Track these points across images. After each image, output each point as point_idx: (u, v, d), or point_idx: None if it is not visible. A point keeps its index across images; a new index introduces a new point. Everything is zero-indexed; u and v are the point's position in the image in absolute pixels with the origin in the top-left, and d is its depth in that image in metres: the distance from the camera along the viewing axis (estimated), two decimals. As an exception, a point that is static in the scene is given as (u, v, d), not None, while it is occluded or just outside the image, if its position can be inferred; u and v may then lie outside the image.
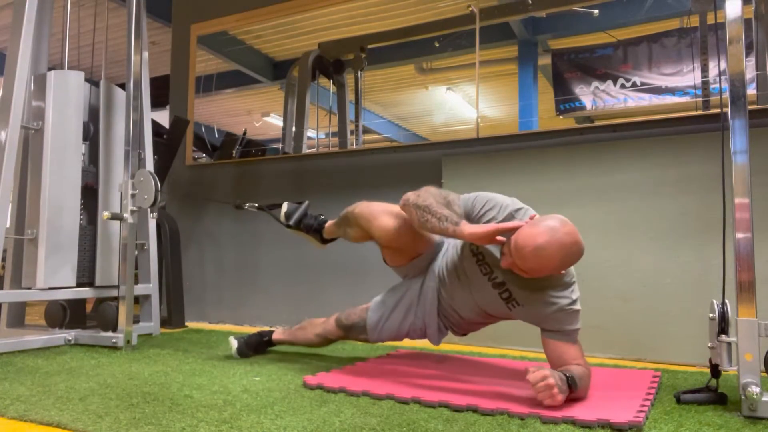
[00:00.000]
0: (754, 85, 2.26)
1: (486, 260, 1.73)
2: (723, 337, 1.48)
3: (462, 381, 1.76)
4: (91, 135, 2.75)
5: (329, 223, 2.14)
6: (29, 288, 2.51)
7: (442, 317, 1.93)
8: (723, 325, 1.49)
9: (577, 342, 1.65)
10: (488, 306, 1.79)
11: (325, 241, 2.18)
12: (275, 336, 2.26)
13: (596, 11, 2.58)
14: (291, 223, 2.16)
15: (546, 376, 1.42)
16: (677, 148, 2.33)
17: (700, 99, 2.36)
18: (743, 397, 1.40)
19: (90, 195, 2.75)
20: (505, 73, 2.80)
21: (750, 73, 2.25)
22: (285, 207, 2.20)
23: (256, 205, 2.38)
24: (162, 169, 3.29)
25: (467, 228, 1.57)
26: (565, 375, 1.47)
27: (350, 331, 2.03)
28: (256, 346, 2.25)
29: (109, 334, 2.46)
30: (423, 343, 2.32)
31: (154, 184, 2.46)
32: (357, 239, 1.98)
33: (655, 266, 2.31)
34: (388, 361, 2.13)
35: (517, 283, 1.68)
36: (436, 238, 1.94)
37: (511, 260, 1.54)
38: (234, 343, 2.21)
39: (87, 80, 2.76)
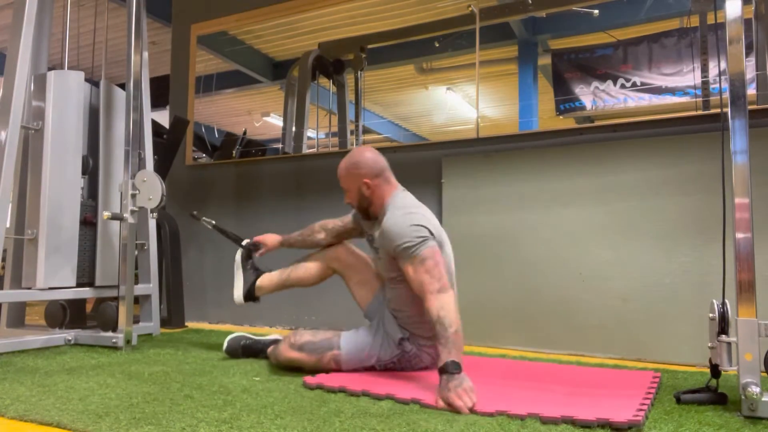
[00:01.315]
0: (754, 85, 2.26)
1: (366, 231, 2.06)
2: (723, 337, 1.48)
3: (462, 381, 1.76)
4: (90, 169, 2.75)
5: (270, 273, 2.25)
6: (29, 288, 2.51)
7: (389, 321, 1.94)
8: (723, 325, 1.49)
9: (423, 261, 1.67)
10: (379, 267, 1.98)
11: (250, 297, 2.26)
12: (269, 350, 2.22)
13: (596, 11, 2.58)
14: (245, 244, 2.31)
15: (448, 403, 1.46)
16: (677, 148, 2.33)
17: (700, 99, 2.36)
18: (743, 397, 1.40)
19: (89, 229, 2.74)
20: (505, 73, 2.80)
21: (750, 73, 2.25)
22: (247, 241, 2.33)
23: (213, 222, 2.46)
24: (162, 169, 3.29)
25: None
26: (445, 365, 1.51)
27: (303, 350, 1.91)
28: (254, 353, 2.22)
29: (109, 334, 2.46)
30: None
31: (160, 186, 2.46)
32: (310, 276, 2.16)
33: (655, 266, 2.31)
34: (388, 361, 2.13)
35: (373, 229, 1.94)
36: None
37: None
38: (225, 344, 2.22)
39: (87, 80, 2.76)
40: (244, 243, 2.31)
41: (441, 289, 1.64)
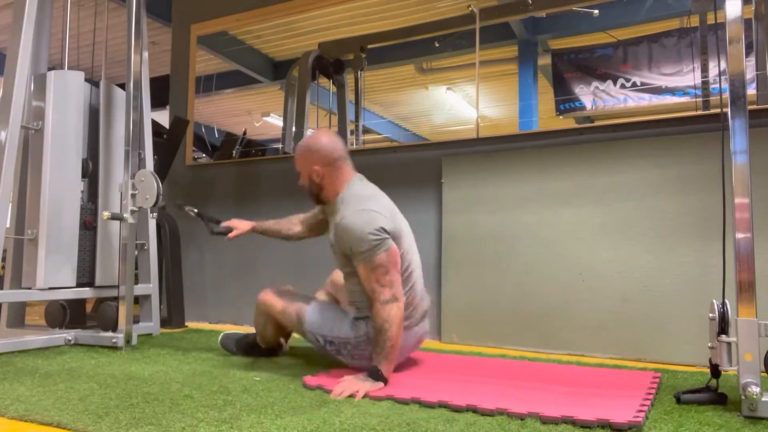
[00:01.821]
0: (754, 85, 2.26)
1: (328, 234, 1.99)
2: (723, 337, 1.48)
3: (462, 381, 1.76)
4: (89, 172, 2.75)
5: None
6: (29, 288, 2.51)
7: None
8: (723, 325, 1.49)
9: (375, 268, 1.71)
10: (335, 260, 1.92)
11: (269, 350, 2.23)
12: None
13: (596, 11, 2.58)
14: (215, 231, 2.27)
15: (342, 392, 1.58)
16: (677, 148, 2.33)
17: (700, 99, 2.36)
18: (743, 397, 1.40)
19: (89, 231, 2.74)
20: (505, 73, 2.80)
21: (750, 73, 2.25)
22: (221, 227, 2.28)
23: (195, 210, 2.41)
24: (162, 169, 3.29)
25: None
26: (372, 368, 1.66)
27: (279, 295, 1.99)
28: (246, 348, 2.24)
29: (109, 334, 2.46)
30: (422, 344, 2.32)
31: (156, 185, 2.46)
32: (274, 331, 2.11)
33: (655, 266, 2.31)
34: (388, 361, 2.12)
35: (328, 215, 1.97)
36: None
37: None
38: (220, 338, 2.29)
39: (87, 80, 2.76)
40: (215, 230, 2.26)
41: (391, 299, 1.70)
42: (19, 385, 1.71)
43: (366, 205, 1.79)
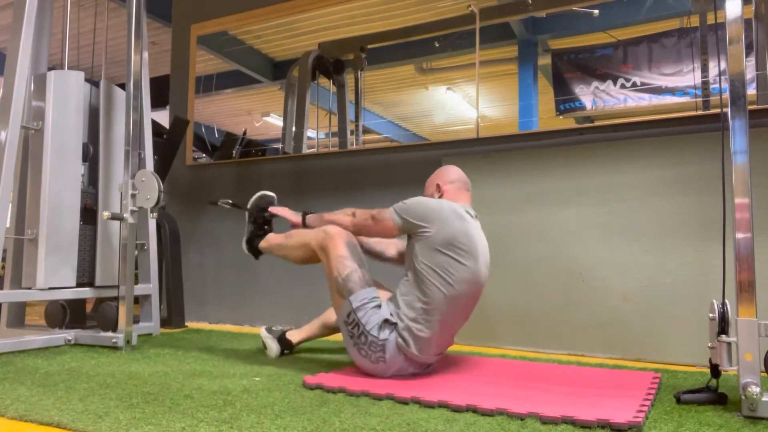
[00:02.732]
0: (754, 85, 2.26)
1: None
2: (723, 337, 1.48)
3: (462, 381, 1.76)
4: (90, 156, 2.75)
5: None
6: (29, 288, 2.51)
7: None
8: (723, 325, 1.49)
9: (380, 210, 1.94)
10: None
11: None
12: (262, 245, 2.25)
13: (596, 11, 2.58)
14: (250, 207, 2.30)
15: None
16: (677, 148, 2.33)
17: (700, 99, 2.36)
18: (743, 397, 1.40)
19: (89, 217, 2.75)
20: (505, 73, 2.80)
21: (750, 73, 2.25)
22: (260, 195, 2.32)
23: (230, 201, 2.43)
24: (162, 169, 3.29)
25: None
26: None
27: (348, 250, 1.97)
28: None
29: (109, 334, 2.46)
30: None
31: (157, 185, 2.46)
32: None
33: (655, 266, 2.31)
34: (388, 361, 2.12)
35: None
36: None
37: None
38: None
39: (87, 80, 2.76)
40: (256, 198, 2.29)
41: (352, 217, 2.00)
42: (19, 385, 1.71)
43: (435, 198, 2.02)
